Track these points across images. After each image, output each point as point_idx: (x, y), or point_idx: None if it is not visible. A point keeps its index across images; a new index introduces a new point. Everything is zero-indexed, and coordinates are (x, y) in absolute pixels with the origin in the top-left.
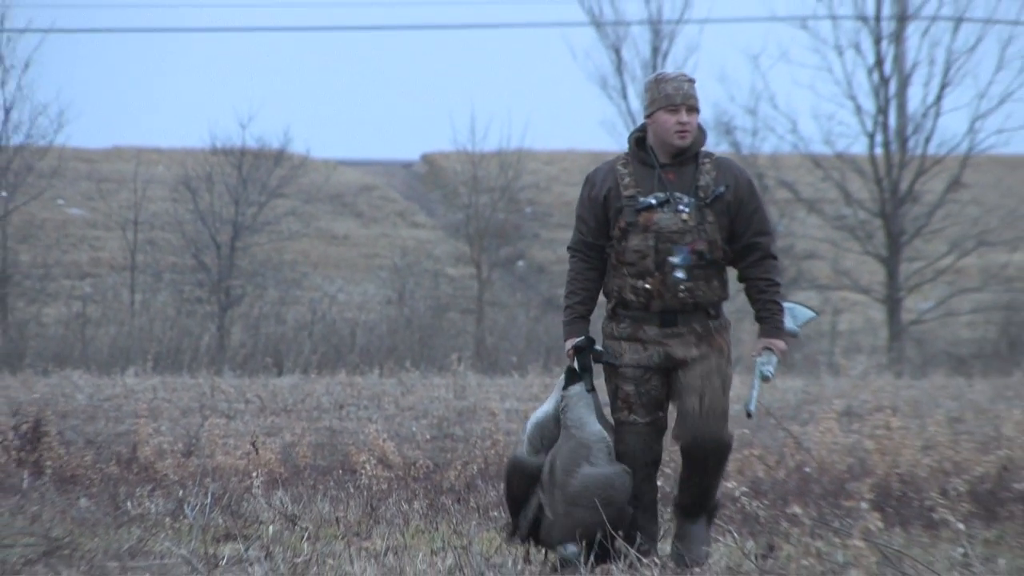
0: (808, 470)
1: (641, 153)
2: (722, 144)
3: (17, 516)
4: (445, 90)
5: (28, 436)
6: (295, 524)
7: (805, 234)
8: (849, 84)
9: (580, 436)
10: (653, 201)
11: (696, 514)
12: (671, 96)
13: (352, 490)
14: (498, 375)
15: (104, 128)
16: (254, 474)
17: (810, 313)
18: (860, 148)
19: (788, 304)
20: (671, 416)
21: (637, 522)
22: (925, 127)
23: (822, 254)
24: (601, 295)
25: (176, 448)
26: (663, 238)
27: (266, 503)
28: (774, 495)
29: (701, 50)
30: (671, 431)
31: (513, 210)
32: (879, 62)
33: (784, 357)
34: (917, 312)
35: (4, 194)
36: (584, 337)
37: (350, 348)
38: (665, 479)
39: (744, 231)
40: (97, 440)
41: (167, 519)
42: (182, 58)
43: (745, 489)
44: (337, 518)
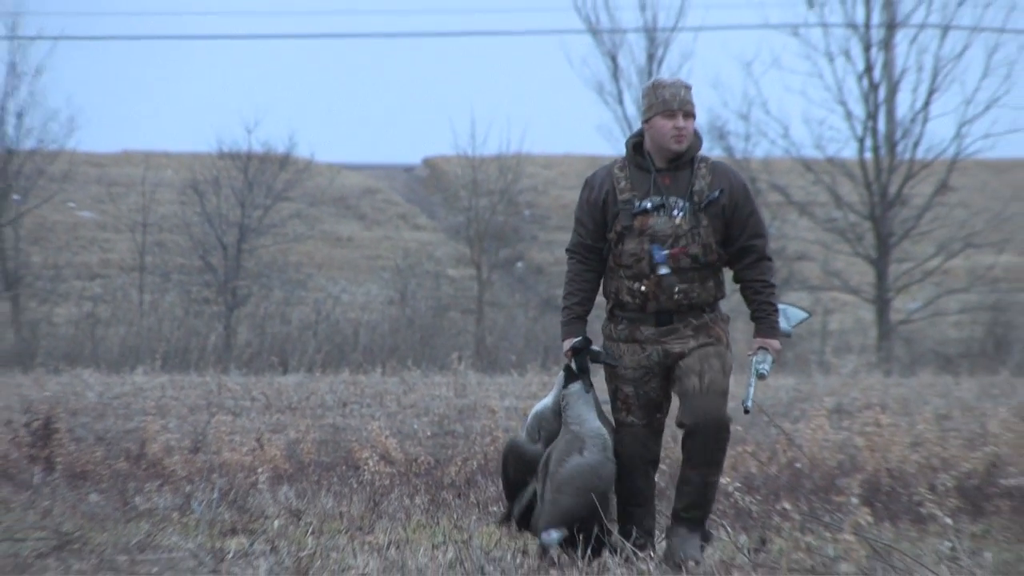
0: (799, 466)
1: (638, 158)
2: (716, 148)
3: (29, 511)
4: (446, 96)
5: (40, 433)
6: (300, 519)
7: (796, 236)
8: (839, 90)
9: (578, 431)
10: (648, 205)
11: (692, 521)
12: (668, 101)
13: (355, 486)
14: (497, 373)
15: (114, 133)
16: (260, 470)
17: (803, 314)
18: (850, 152)
19: (782, 305)
20: (670, 416)
21: (634, 517)
22: (913, 132)
23: (813, 256)
24: (601, 295)
25: (183, 445)
26: (658, 241)
27: (271, 498)
28: (766, 490)
29: (695, 57)
30: (674, 418)
31: (512, 213)
32: (868, 69)
33: (778, 356)
34: (905, 312)
35: (17, 197)
36: (581, 338)
37: (353, 347)
38: (660, 475)
39: (739, 234)
40: (107, 437)
41: (175, 514)
42: (189, 65)
43: (738, 484)
44: (341, 513)
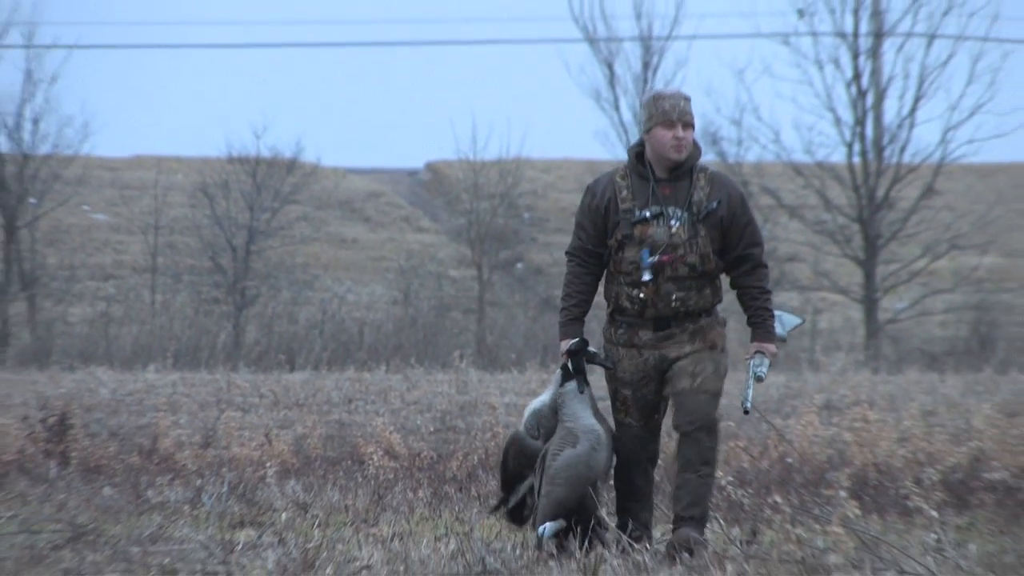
0: (790, 460)
1: (639, 167)
2: (709, 153)
3: (45, 504)
4: (448, 102)
5: (55, 428)
6: (306, 511)
7: (787, 238)
8: (829, 97)
9: (572, 427)
10: (648, 214)
11: (695, 520)
12: (667, 112)
13: (360, 480)
14: (498, 371)
15: (126, 138)
16: (268, 464)
17: (797, 320)
18: (839, 157)
19: (777, 311)
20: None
21: (631, 511)
22: (900, 137)
23: (803, 257)
24: (602, 298)
25: (194, 440)
26: (655, 250)
27: (279, 492)
28: (758, 484)
29: (689, 65)
30: (670, 422)
31: (512, 215)
32: (857, 76)
33: (774, 359)
34: (893, 311)
35: (33, 200)
36: (578, 340)
37: (358, 346)
38: (656, 469)
39: (737, 243)
40: (120, 432)
41: (186, 507)
42: (200, 72)
43: (731, 478)
44: (346, 506)
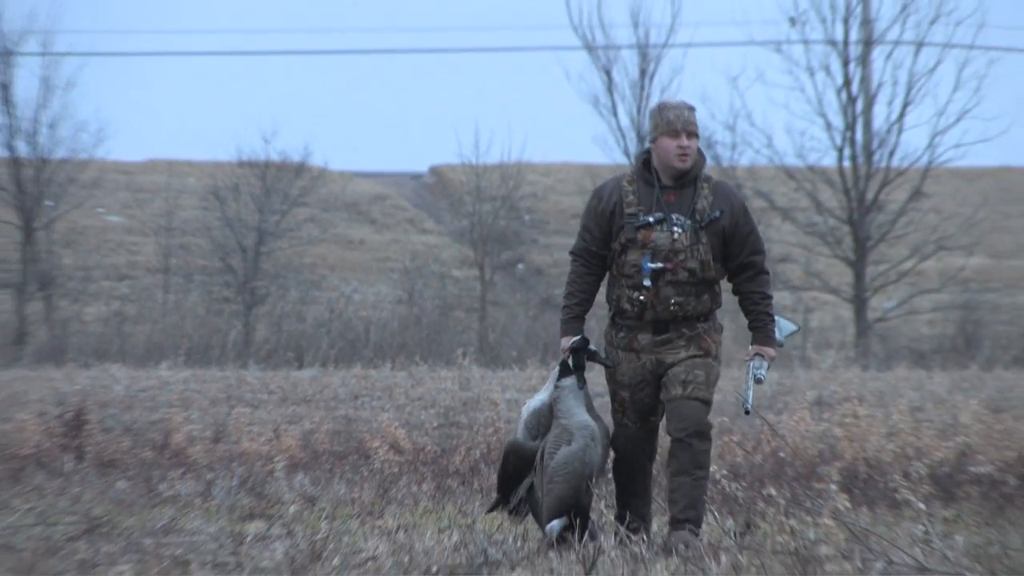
0: (782, 455)
1: (646, 174)
2: None
3: (61, 496)
4: (451, 108)
5: (71, 424)
6: (314, 504)
7: (780, 240)
8: (820, 103)
9: (566, 424)
10: (652, 220)
11: (690, 522)
12: (672, 122)
13: (366, 473)
14: (499, 368)
15: (140, 143)
16: (276, 459)
17: (793, 326)
18: (830, 161)
19: (775, 318)
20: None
21: (630, 505)
22: (889, 142)
23: (795, 258)
24: (604, 300)
25: (205, 435)
26: (657, 255)
27: (287, 485)
28: (751, 478)
29: (685, 72)
30: (664, 428)
31: (513, 217)
32: (847, 83)
33: (772, 362)
34: (882, 311)
35: (50, 203)
36: (580, 337)
37: (364, 344)
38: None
39: (740, 251)
40: (133, 428)
41: (197, 500)
42: (211, 79)
43: (725, 472)
44: (352, 499)
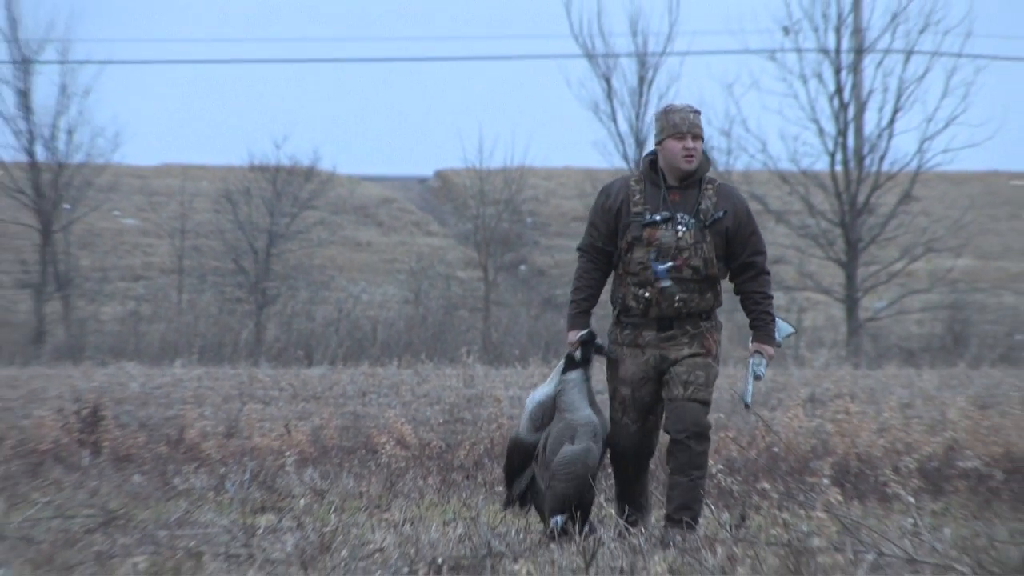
0: (776, 450)
1: (652, 174)
2: None
3: (78, 490)
4: (456, 114)
5: (88, 420)
6: (323, 498)
7: (774, 242)
8: (812, 109)
9: (570, 418)
10: (658, 218)
11: (685, 523)
12: (678, 125)
13: (374, 468)
14: (503, 366)
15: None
16: (287, 454)
17: (790, 328)
18: (822, 165)
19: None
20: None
21: (629, 499)
22: (880, 147)
23: (789, 259)
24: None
25: (218, 431)
26: (662, 253)
27: (298, 479)
28: (746, 472)
29: (682, 79)
30: (664, 425)
31: (516, 220)
32: (839, 90)
33: (771, 360)
34: (872, 310)
35: (67, 206)
36: (588, 331)
37: (372, 342)
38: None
39: (742, 251)
40: (149, 423)
41: (210, 493)
42: (223, 86)
43: (721, 467)
44: (360, 492)
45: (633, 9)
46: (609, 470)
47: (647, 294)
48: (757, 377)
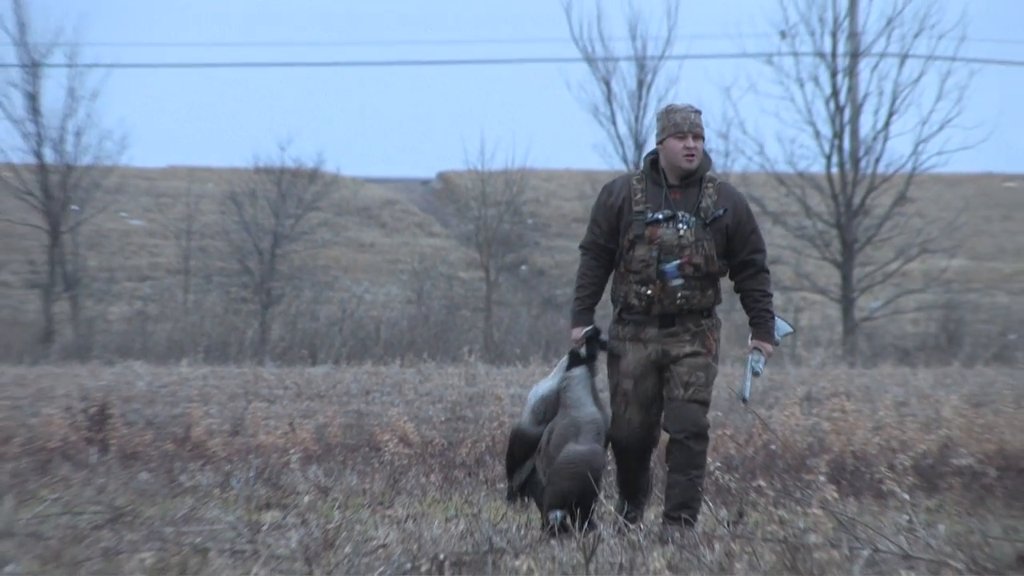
0: (773, 448)
1: (654, 173)
2: None
3: (86, 487)
4: (458, 117)
5: (96, 418)
6: (327, 495)
7: (771, 243)
8: (809, 112)
9: (575, 415)
10: (660, 216)
11: (683, 521)
12: (679, 124)
13: (377, 465)
14: (504, 365)
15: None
16: (291, 451)
17: (788, 328)
18: (818, 168)
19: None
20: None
21: (628, 492)
22: (875, 149)
23: (785, 260)
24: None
25: (224, 428)
26: (665, 250)
27: (302, 476)
28: (744, 470)
29: (680, 82)
30: (663, 423)
31: (517, 221)
32: (835, 93)
33: (770, 357)
34: (868, 310)
35: (75, 208)
36: (592, 327)
37: (375, 342)
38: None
39: (741, 249)
40: (155, 421)
41: (216, 490)
42: (229, 89)
43: (718, 464)
44: (364, 489)
45: (632, 13)
46: (611, 467)
47: (649, 291)
48: (755, 373)
